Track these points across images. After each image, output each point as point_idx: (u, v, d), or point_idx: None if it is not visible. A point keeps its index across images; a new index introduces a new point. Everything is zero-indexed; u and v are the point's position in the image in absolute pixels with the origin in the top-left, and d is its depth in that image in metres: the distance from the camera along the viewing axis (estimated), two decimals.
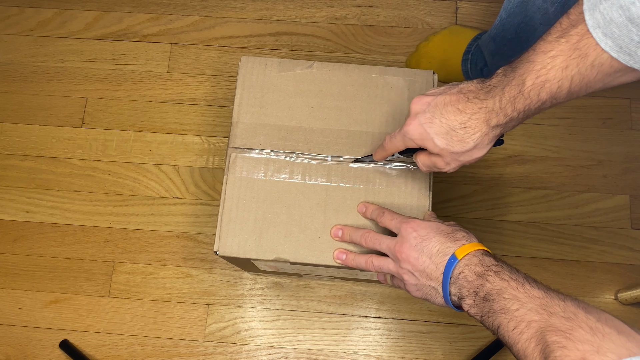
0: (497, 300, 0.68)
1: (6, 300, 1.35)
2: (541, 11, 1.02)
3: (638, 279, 1.30)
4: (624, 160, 1.37)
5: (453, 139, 0.74)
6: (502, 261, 0.73)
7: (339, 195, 0.91)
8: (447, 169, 0.79)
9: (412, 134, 0.78)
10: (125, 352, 1.31)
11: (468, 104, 0.73)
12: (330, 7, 1.51)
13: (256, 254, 0.90)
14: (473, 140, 0.74)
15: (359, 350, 1.29)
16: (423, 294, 0.79)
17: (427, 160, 0.81)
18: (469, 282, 0.72)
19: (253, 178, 0.92)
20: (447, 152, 0.76)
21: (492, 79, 0.74)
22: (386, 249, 0.82)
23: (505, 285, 0.69)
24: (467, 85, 0.76)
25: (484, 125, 0.73)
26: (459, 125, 0.74)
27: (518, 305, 0.66)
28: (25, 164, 1.42)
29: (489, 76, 1.31)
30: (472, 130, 0.73)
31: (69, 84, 1.48)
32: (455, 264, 0.73)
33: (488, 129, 0.73)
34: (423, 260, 0.77)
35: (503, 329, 0.66)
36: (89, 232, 1.38)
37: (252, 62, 0.98)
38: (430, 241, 0.77)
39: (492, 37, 1.21)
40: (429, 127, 0.76)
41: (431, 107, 0.76)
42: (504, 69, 0.73)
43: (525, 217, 1.35)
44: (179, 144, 1.42)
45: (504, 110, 0.71)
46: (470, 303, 0.71)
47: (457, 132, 0.74)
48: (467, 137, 0.74)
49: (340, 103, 0.95)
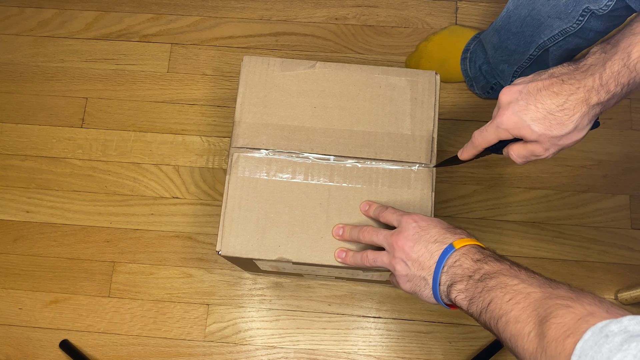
0: (495, 277, 0.67)
1: (6, 300, 1.34)
2: (551, 3, 1.02)
3: (638, 279, 1.31)
4: (624, 160, 1.37)
5: (551, 122, 0.73)
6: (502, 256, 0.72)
7: (341, 195, 0.91)
8: (545, 155, 0.78)
9: (506, 124, 0.76)
10: (125, 352, 1.31)
11: (564, 85, 0.73)
12: (330, 7, 1.51)
13: (258, 254, 0.90)
14: (572, 121, 0.73)
15: (359, 350, 1.30)
16: (412, 286, 0.78)
17: (523, 150, 0.79)
18: (463, 268, 0.71)
19: (255, 178, 0.92)
20: (545, 138, 0.75)
21: (588, 58, 0.73)
22: (383, 239, 0.81)
23: (506, 266, 0.69)
24: (558, 68, 0.75)
25: (583, 105, 0.72)
26: (557, 108, 0.73)
27: (518, 281, 0.65)
28: (25, 164, 1.42)
29: (488, 75, 1.32)
30: (571, 111, 0.72)
31: (69, 84, 1.48)
32: (451, 252, 0.73)
33: (588, 109, 0.72)
34: (418, 249, 0.76)
35: (494, 303, 0.65)
36: (89, 232, 1.37)
37: (255, 61, 0.98)
38: (429, 232, 0.77)
39: (497, 29, 1.21)
40: (524, 114, 0.75)
41: (524, 95, 0.75)
42: (601, 46, 0.72)
43: (525, 217, 1.35)
44: (179, 144, 1.42)
45: (606, 86, 0.70)
46: (461, 288, 0.70)
47: (555, 115, 0.73)
48: (566, 120, 0.73)
49: (343, 103, 0.95)
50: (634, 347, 0.47)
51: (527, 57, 1.18)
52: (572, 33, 1.05)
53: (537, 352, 0.57)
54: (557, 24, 1.05)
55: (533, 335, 0.58)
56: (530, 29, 1.11)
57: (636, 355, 0.47)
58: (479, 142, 0.83)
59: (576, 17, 1.00)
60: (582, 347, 0.51)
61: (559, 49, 1.12)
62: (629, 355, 0.47)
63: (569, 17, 1.01)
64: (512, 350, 0.62)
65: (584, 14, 0.99)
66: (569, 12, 1.00)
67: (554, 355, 0.54)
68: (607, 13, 0.95)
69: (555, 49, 1.12)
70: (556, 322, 0.56)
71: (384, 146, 0.93)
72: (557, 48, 1.12)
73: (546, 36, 1.09)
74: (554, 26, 1.06)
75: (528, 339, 0.59)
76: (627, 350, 0.47)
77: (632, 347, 0.47)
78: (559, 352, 0.54)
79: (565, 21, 1.02)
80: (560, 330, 0.55)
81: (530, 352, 0.58)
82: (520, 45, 1.17)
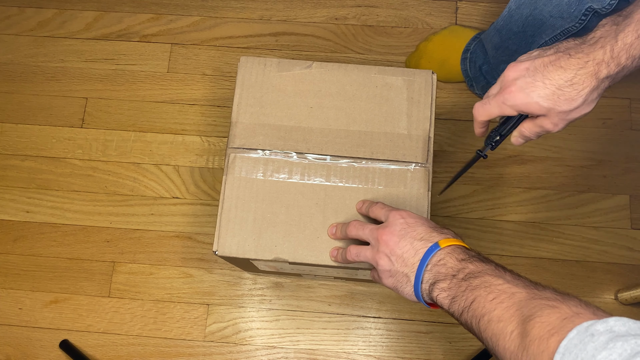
0: (479, 277, 0.66)
1: (6, 300, 1.35)
2: (553, 2, 1.02)
3: (638, 279, 1.30)
4: (624, 160, 1.37)
5: (560, 98, 0.73)
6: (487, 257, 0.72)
7: (337, 195, 0.91)
8: (555, 130, 0.77)
9: (513, 101, 0.76)
10: (126, 352, 1.31)
11: (571, 59, 0.72)
12: (330, 7, 1.51)
13: (255, 254, 0.90)
14: (581, 96, 0.72)
15: (359, 350, 1.29)
16: (394, 282, 0.77)
17: (532, 127, 0.79)
18: (447, 267, 0.70)
19: (252, 178, 0.92)
20: (554, 113, 0.75)
21: (596, 31, 0.72)
22: (369, 234, 0.81)
23: (491, 267, 0.68)
24: (564, 43, 0.74)
25: (592, 79, 0.71)
26: (565, 83, 0.72)
27: (503, 281, 0.64)
28: (25, 164, 1.42)
29: (489, 75, 1.32)
30: (580, 86, 0.72)
31: (69, 84, 1.48)
32: (436, 251, 0.72)
33: (597, 82, 0.72)
34: (403, 245, 0.75)
35: (477, 302, 0.64)
36: (89, 232, 1.38)
37: (252, 62, 0.98)
38: (415, 229, 0.76)
39: (498, 29, 1.21)
40: (531, 91, 0.74)
41: (530, 72, 0.75)
42: (611, 18, 0.72)
43: (525, 217, 1.35)
44: (179, 144, 1.42)
45: (617, 59, 0.69)
46: (443, 286, 0.69)
47: (563, 90, 0.72)
48: (575, 95, 0.72)
49: (339, 103, 0.95)
50: (619, 346, 0.47)
51: None
52: (575, 33, 1.04)
53: (518, 351, 0.56)
54: (560, 23, 1.04)
55: (515, 335, 0.57)
56: (532, 29, 1.11)
57: (621, 354, 0.46)
58: (479, 114, 0.82)
59: (579, 17, 1.00)
60: (567, 345, 0.50)
61: None
62: (614, 353, 0.47)
63: (572, 16, 1.01)
64: (492, 350, 0.61)
65: (586, 14, 0.98)
66: (572, 11, 1.00)
67: (536, 353, 0.54)
68: (610, 12, 0.95)
69: None
70: (541, 321, 0.55)
71: (381, 146, 0.93)
72: None
73: (548, 36, 1.09)
74: (556, 26, 1.05)
75: (510, 338, 0.58)
76: (613, 349, 0.47)
77: (617, 345, 0.47)
78: (542, 350, 0.53)
79: (568, 21, 1.02)
80: (544, 329, 0.54)
81: (512, 351, 0.57)
82: (522, 45, 1.17)
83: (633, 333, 0.48)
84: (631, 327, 0.49)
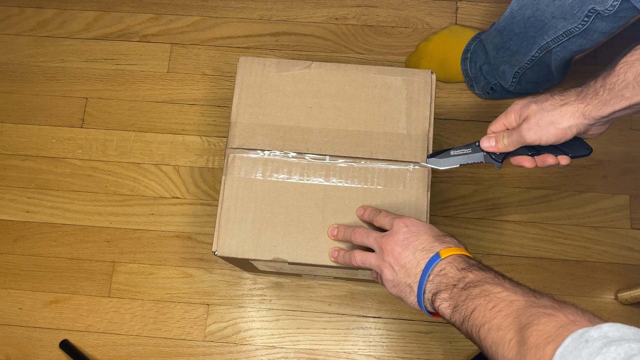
0: (479, 285, 0.67)
1: (6, 300, 1.35)
2: (556, 3, 1.02)
3: (638, 279, 1.30)
4: (624, 160, 1.37)
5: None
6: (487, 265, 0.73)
7: (337, 195, 0.91)
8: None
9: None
10: (125, 352, 1.31)
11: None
12: (330, 7, 1.51)
13: (254, 254, 0.90)
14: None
15: (359, 350, 1.29)
16: (398, 291, 0.78)
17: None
18: (448, 277, 0.71)
19: (251, 178, 0.92)
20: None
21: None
22: (373, 242, 0.81)
23: (490, 275, 0.69)
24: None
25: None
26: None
27: (502, 289, 0.65)
28: (25, 164, 1.42)
29: (489, 75, 1.32)
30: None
31: (69, 84, 1.48)
32: (437, 261, 0.73)
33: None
34: (406, 255, 0.76)
35: (477, 311, 0.65)
36: (89, 232, 1.38)
37: (251, 62, 0.98)
38: (418, 238, 0.77)
39: (499, 29, 1.20)
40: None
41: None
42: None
43: (525, 217, 1.35)
44: (179, 144, 1.42)
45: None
46: (445, 297, 0.71)
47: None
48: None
49: (339, 103, 0.95)
50: (613, 351, 0.47)
51: (529, 58, 1.18)
52: (577, 34, 1.04)
53: (516, 359, 0.57)
54: (562, 24, 1.04)
55: (514, 343, 0.58)
56: (534, 30, 1.11)
57: (615, 358, 0.47)
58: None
59: (581, 18, 1.00)
60: (562, 352, 0.51)
61: (562, 50, 1.12)
62: (608, 358, 0.47)
63: (574, 17, 1.01)
64: (492, 358, 0.62)
65: (589, 15, 0.99)
66: (575, 12, 1.00)
67: None
68: (613, 14, 0.95)
69: (559, 50, 1.12)
70: (537, 329, 0.56)
71: (380, 146, 0.93)
72: (561, 49, 1.12)
73: (550, 37, 1.09)
74: (559, 27, 1.06)
75: (508, 346, 0.58)
76: (607, 354, 0.47)
77: (611, 350, 0.47)
78: (539, 358, 0.53)
79: (571, 22, 1.02)
80: (541, 337, 0.55)
81: (510, 358, 0.58)
82: (523, 46, 1.17)
83: (627, 338, 0.49)
84: (625, 332, 0.50)
